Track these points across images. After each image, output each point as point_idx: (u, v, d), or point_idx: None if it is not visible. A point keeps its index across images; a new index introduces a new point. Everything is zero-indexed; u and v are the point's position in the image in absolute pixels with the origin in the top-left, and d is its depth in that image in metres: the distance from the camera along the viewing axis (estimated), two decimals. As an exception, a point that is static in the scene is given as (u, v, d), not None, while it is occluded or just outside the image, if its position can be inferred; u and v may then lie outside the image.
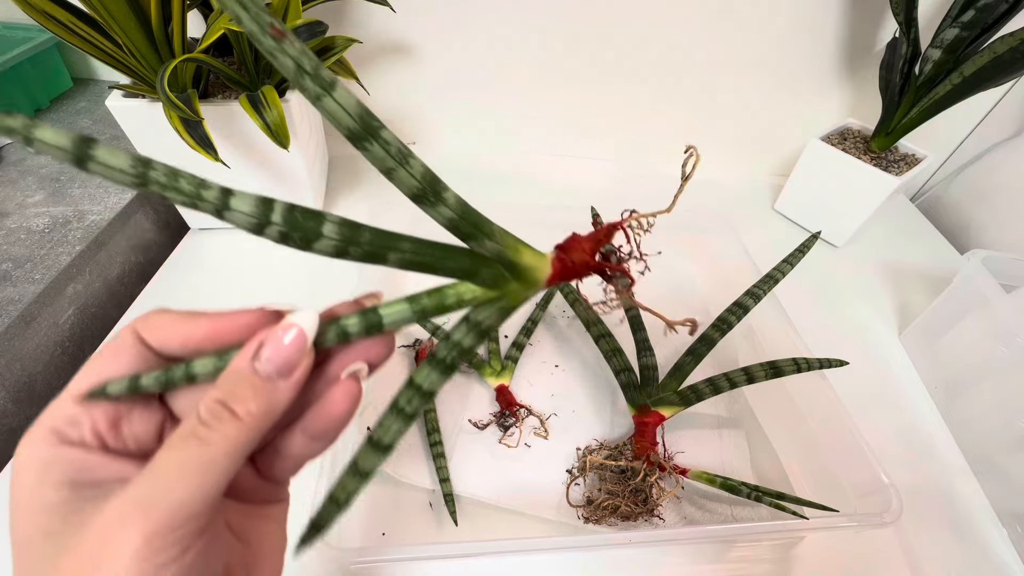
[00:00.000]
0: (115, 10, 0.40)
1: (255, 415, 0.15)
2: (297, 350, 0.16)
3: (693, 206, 0.71)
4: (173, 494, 0.14)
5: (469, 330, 0.19)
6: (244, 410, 0.15)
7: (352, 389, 0.17)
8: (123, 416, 0.16)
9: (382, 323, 0.17)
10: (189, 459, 0.14)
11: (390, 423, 0.18)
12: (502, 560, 0.36)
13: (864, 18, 0.63)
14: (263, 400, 0.15)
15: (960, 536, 0.41)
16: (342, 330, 0.17)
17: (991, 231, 0.68)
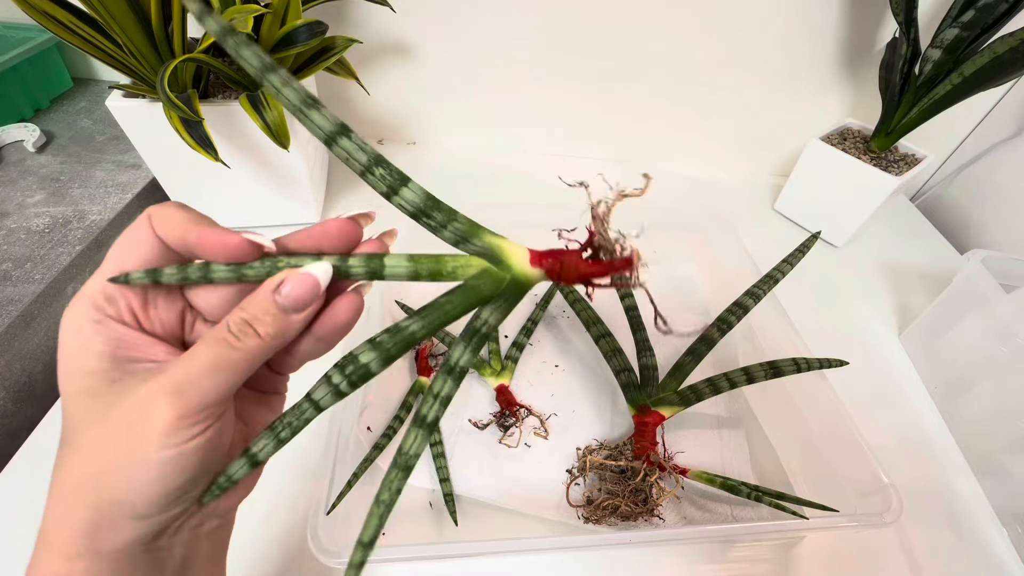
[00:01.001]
0: (115, 10, 0.40)
1: (273, 336, 0.18)
2: (311, 292, 0.19)
3: (693, 206, 0.71)
4: (203, 383, 0.17)
5: (469, 343, 0.20)
6: (264, 331, 0.18)
7: (355, 301, 0.20)
8: (150, 300, 0.19)
9: (383, 271, 0.20)
10: (219, 359, 0.18)
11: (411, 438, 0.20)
12: (502, 560, 0.36)
13: (864, 18, 0.63)
14: (280, 326, 0.18)
15: (960, 536, 0.41)
16: (348, 271, 0.20)
17: (991, 231, 0.68)
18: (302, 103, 0.17)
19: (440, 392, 0.20)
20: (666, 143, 0.76)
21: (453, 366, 0.20)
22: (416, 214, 0.19)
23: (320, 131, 0.18)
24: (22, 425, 0.41)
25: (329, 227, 0.20)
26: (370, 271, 0.20)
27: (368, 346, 0.20)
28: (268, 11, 0.45)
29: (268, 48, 0.47)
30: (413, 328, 0.20)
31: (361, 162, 0.18)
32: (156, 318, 0.19)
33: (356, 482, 0.35)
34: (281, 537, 0.36)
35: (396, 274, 0.20)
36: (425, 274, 0.20)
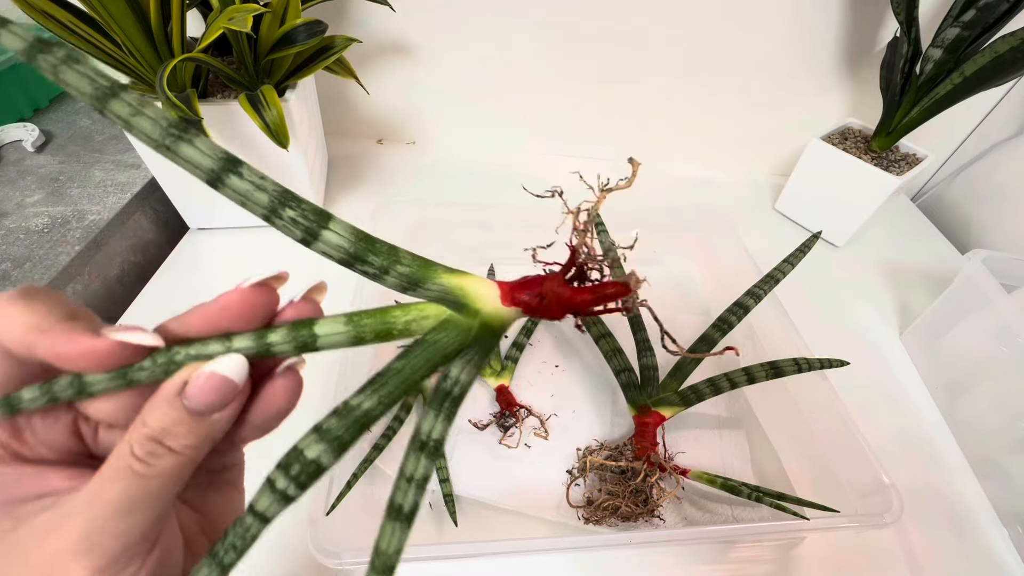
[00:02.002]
0: (114, 10, 0.40)
1: (193, 447, 0.15)
2: (223, 392, 0.15)
3: (693, 206, 0.71)
4: (117, 527, 0.14)
5: (440, 411, 0.17)
6: (180, 444, 0.15)
7: (291, 382, 0.17)
8: (23, 427, 0.15)
9: (315, 343, 0.16)
10: (130, 492, 0.14)
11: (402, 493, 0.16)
12: (502, 560, 0.36)
13: (865, 18, 0.63)
14: (198, 434, 0.15)
15: (960, 536, 0.41)
16: (270, 350, 0.16)
17: (992, 231, 0.68)
18: (164, 135, 0.14)
19: (414, 475, 0.16)
20: (666, 143, 0.76)
21: (425, 441, 0.17)
22: (347, 260, 0.16)
23: (198, 170, 0.14)
24: (21, 425, 0.40)
25: (229, 302, 0.16)
26: (299, 345, 0.16)
27: (315, 437, 0.16)
28: (267, 10, 0.45)
29: (267, 47, 0.47)
30: (367, 406, 0.16)
31: (262, 204, 0.14)
32: (37, 443, 0.15)
33: (356, 482, 0.35)
34: (281, 537, 0.36)
35: (334, 342, 0.16)
36: (371, 336, 0.17)
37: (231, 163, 0.14)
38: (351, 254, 0.15)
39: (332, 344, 0.17)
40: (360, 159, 0.69)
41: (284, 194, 0.15)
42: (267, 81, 0.50)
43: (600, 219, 0.48)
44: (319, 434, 0.16)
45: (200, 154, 0.14)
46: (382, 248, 0.16)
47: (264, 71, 0.50)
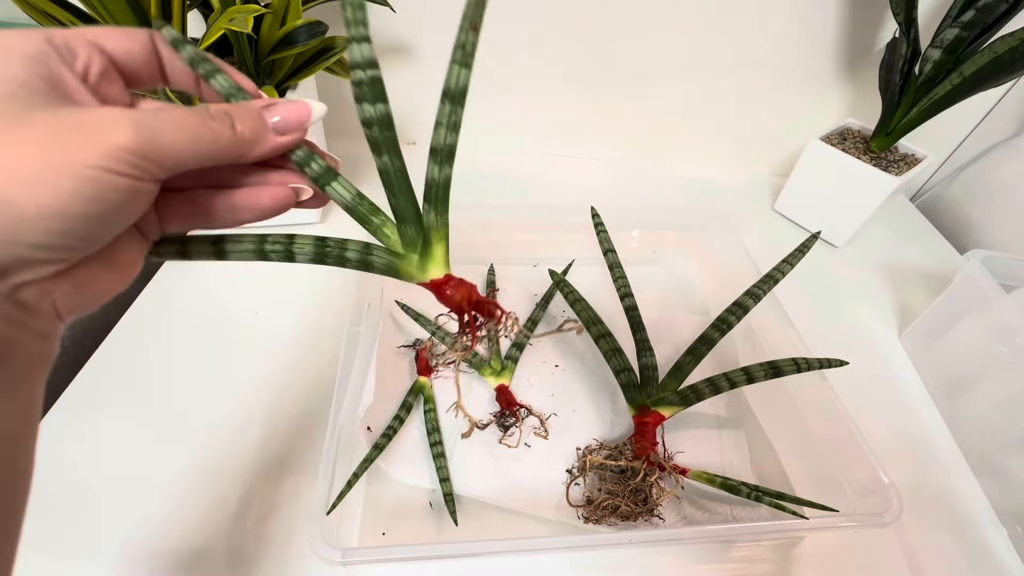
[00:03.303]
0: (115, 10, 0.40)
1: (244, 138, 0.19)
2: (301, 119, 0.20)
3: (693, 206, 0.71)
4: (166, 134, 0.16)
5: (360, 254, 0.23)
6: (241, 128, 0.19)
7: (287, 195, 0.21)
8: (104, 74, 0.18)
9: (328, 184, 0.21)
10: (188, 121, 0.17)
11: (240, 243, 0.22)
12: (502, 560, 0.36)
13: (864, 18, 0.63)
14: (256, 134, 0.19)
15: (960, 536, 0.41)
16: (309, 162, 0.21)
17: (991, 231, 0.68)
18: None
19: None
20: (666, 143, 0.76)
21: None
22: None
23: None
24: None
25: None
26: (318, 176, 0.21)
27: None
28: (268, 11, 0.45)
29: (268, 48, 0.48)
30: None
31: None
32: (95, 91, 0.18)
33: (356, 482, 0.35)
34: (281, 537, 0.36)
35: (336, 195, 0.21)
36: (357, 214, 0.22)
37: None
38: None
39: (336, 195, 0.21)
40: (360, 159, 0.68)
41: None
42: (268, 82, 0.50)
43: (600, 220, 0.48)
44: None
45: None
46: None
47: (265, 72, 0.50)
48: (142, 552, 0.35)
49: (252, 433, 0.41)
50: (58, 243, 0.15)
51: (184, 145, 0.17)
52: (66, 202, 0.14)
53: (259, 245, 0.22)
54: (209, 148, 0.18)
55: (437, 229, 0.23)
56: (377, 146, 0.21)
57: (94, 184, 0.15)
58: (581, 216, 0.49)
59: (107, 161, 0.15)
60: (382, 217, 0.23)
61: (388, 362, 0.47)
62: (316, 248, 0.22)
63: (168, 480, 0.39)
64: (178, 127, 0.17)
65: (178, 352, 0.46)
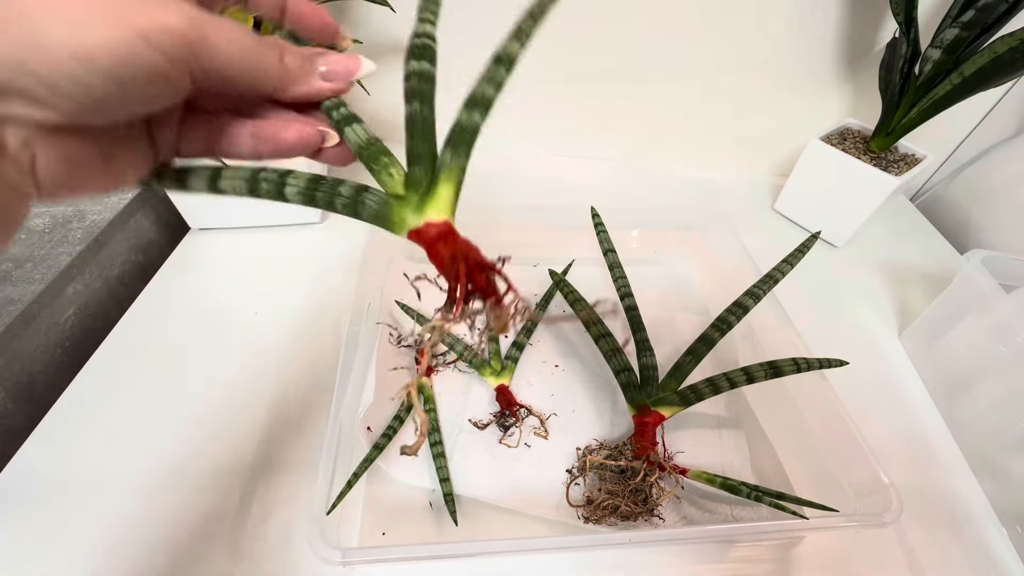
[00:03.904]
0: (115, 10, 0.40)
1: (288, 71, 0.19)
2: (346, 71, 0.21)
3: (693, 206, 0.71)
4: (215, 36, 0.16)
5: (354, 192, 0.21)
6: (288, 60, 0.19)
7: (312, 134, 0.21)
8: None
9: (346, 125, 0.21)
10: (240, 39, 0.17)
11: (235, 172, 0.21)
12: (502, 560, 0.36)
13: (864, 18, 0.63)
14: (299, 71, 0.20)
15: (960, 536, 0.41)
16: (338, 106, 0.21)
17: (991, 231, 0.68)
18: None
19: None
20: (666, 143, 0.76)
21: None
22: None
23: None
24: (22, 425, 0.41)
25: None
26: (341, 119, 0.21)
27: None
28: (268, 11, 0.45)
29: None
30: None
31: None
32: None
33: (356, 482, 0.35)
34: (281, 537, 0.36)
35: (352, 135, 0.21)
36: (367, 153, 0.21)
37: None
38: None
39: (352, 135, 0.21)
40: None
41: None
42: (267, 82, 0.50)
43: (600, 220, 0.48)
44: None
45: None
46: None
47: (264, 72, 0.50)
48: (142, 552, 0.35)
49: (252, 433, 0.41)
50: (68, 90, 0.14)
51: (229, 55, 0.17)
52: (96, 53, 0.14)
53: (253, 176, 0.21)
54: (253, 68, 0.18)
55: (450, 169, 0.20)
56: (412, 95, 0.21)
57: (130, 48, 0.14)
58: (581, 216, 0.49)
59: (152, 32, 0.15)
60: (392, 158, 0.21)
61: (388, 362, 0.47)
62: (308, 185, 0.21)
63: (168, 480, 0.39)
64: (229, 37, 0.17)
65: (178, 352, 0.46)
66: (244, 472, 0.39)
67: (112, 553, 0.35)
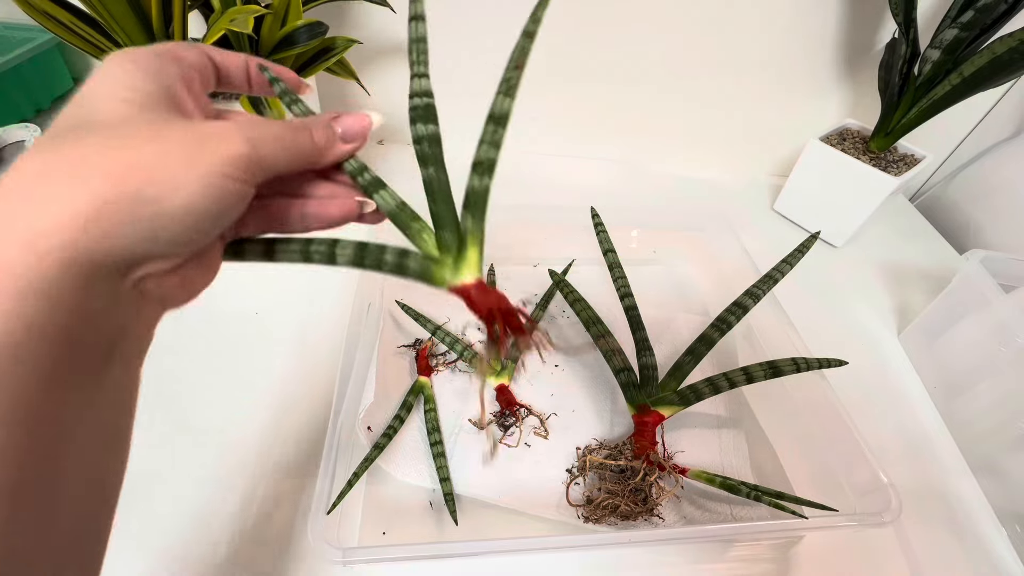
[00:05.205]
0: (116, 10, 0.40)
1: (318, 144, 0.21)
2: (363, 129, 0.23)
3: (693, 206, 0.71)
4: (268, 145, 0.19)
5: (398, 257, 0.23)
6: (317, 136, 0.21)
7: (352, 207, 0.23)
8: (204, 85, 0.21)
9: (375, 192, 0.24)
10: (282, 135, 0.20)
11: (288, 245, 0.23)
12: (502, 560, 0.36)
13: (863, 19, 0.63)
14: (327, 141, 0.22)
15: (960, 536, 0.41)
16: (362, 172, 0.24)
17: (990, 231, 0.68)
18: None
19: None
20: (666, 143, 0.76)
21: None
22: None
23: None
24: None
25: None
26: (368, 185, 0.23)
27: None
28: (268, 12, 0.45)
29: (268, 49, 0.48)
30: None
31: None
32: (197, 102, 0.21)
33: (356, 482, 0.35)
34: (281, 537, 0.36)
35: (382, 202, 0.24)
36: (399, 220, 0.24)
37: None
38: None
39: (382, 202, 0.24)
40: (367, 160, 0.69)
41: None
42: (268, 82, 0.50)
43: (600, 220, 0.48)
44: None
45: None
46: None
47: (265, 72, 0.50)
48: (141, 552, 0.35)
49: (252, 433, 0.41)
50: (185, 239, 0.17)
51: (278, 154, 0.19)
52: (198, 202, 0.17)
53: (305, 247, 0.23)
54: (295, 156, 0.20)
55: (473, 234, 0.24)
56: (425, 159, 0.25)
57: (218, 187, 0.17)
58: (581, 216, 0.49)
59: (228, 167, 0.17)
60: (421, 223, 0.24)
61: (388, 362, 0.47)
62: (356, 252, 0.23)
63: (168, 480, 0.39)
64: (274, 138, 0.19)
65: (178, 352, 0.46)
66: (244, 472, 0.39)
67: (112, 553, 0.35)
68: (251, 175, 0.18)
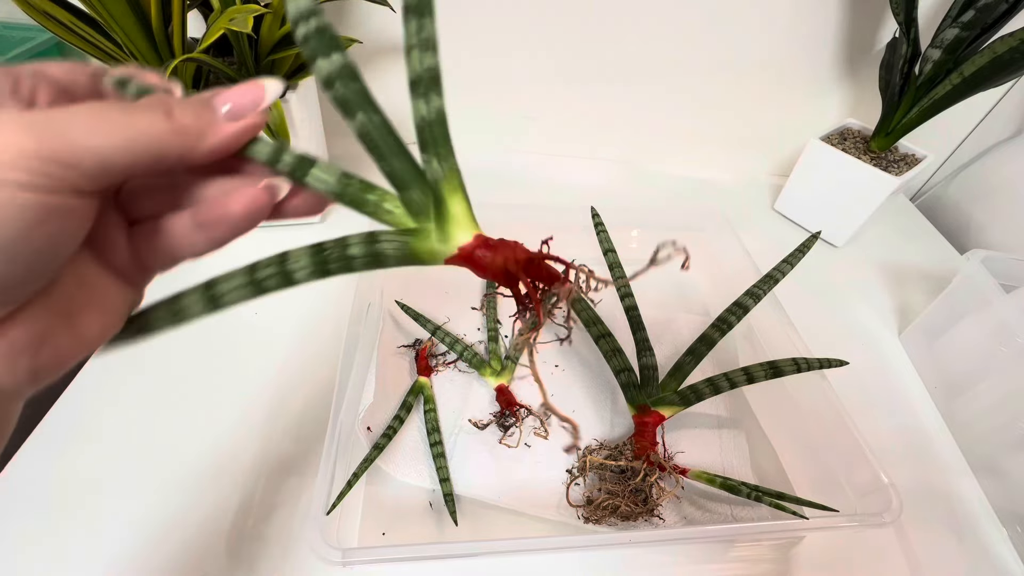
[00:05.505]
0: (115, 10, 0.40)
1: (182, 125, 0.15)
2: (253, 101, 0.17)
3: (693, 206, 0.71)
4: (76, 129, 0.13)
5: (365, 246, 0.18)
6: (179, 115, 0.15)
7: (259, 196, 0.17)
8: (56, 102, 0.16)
9: (306, 174, 0.18)
10: (108, 115, 0.14)
11: (230, 282, 0.18)
12: (502, 560, 0.36)
13: (864, 18, 0.63)
14: (199, 121, 0.15)
15: (960, 536, 0.41)
16: (279, 156, 0.18)
17: (991, 231, 0.68)
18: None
19: (290, 268, 0.18)
20: (666, 143, 0.76)
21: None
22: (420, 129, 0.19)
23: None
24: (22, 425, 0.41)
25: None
26: (294, 168, 0.18)
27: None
28: (268, 11, 0.45)
29: (268, 48, 0.48)
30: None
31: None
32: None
33: (356, 482, 0.35)
34: (281, 537, 0.36)
35: (318, 182, 0.18)
36: (348, 197, 0.18)
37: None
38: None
39: (318, 182, 0.18)
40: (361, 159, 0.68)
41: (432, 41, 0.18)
42: (267, 82, 0.50)
43: (600, 220, 0.48)
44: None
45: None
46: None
47: (265, 72, 0.50)
48: (142, 552, 0.35)
49: (252, 433, 0.41)
50: None
51: (106, 140, 0.13)
52: None
53: (249, 277, 0.18)
54: (143, 142, 0.14)
55: (447, 179, 0.18)
56: (346, 104, 0.18)
57: (5, 203, 0.12)
58: (581, 216, 0.49)
59: (8, 171, 0.12)
60: (379, 192, 0.19)
61: (388, 362, 0.47)
62: (313, 259, 0.18)
63: (168, 480, 0.39)
64: (94, 120, 0.14)
65: (177, 352, 0.46)
66: (244, 472, 0.39)
67: (111, 554, 0.35)
68: (57, 178, 0.13)
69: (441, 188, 0.18)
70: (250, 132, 0.17)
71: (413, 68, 0.18)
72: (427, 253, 0.18)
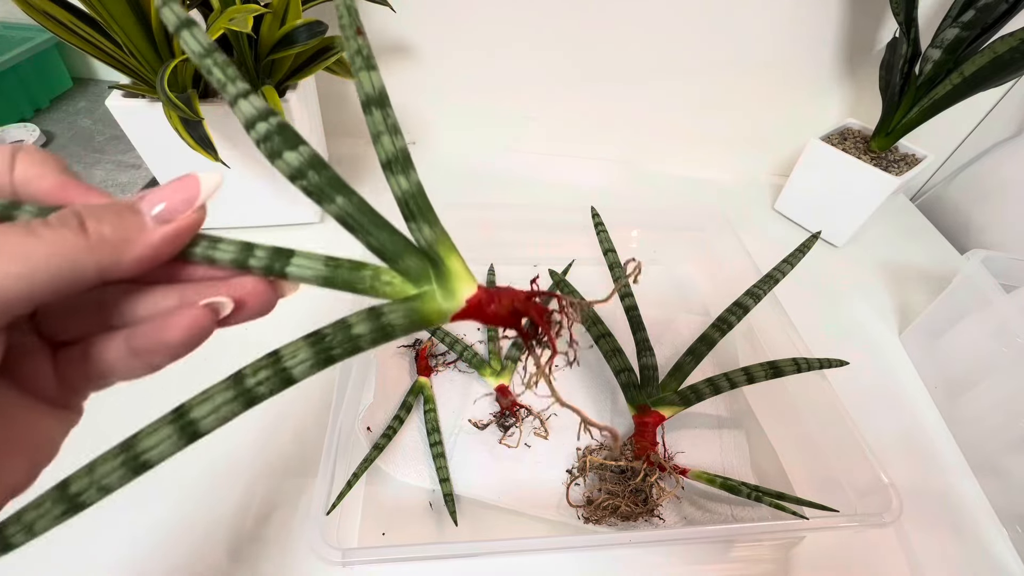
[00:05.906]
0: (115, 10, 0.40)
1: (100, 237, 0.13)
2: (185, 198, 0.15)
3: (693, 206, 0.71)
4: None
5: (371, 322, 0.17)
6: (95, 228, 0.13)
7: (199, 319, 0.16)
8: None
9: (286, 266, 0.17)
10: (4, 238, 0.12)
11: (204, 406, 0.17)
12: (502, 560, 0.36)
13: (864, 18, 0.63)
14: (120, 230, 0.14)
15: (960, 536, 0.41)
16: (248, 256, 0.16)
17: (991, 231, 0.68)
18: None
19: (286, 364, 0.17)
20: (666, 143, 0.76)
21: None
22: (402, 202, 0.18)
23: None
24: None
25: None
26: (269, 263, 0.17)
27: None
28: (268, 11, 0.45)
29: (268, 48, 0.48)
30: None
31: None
32: None
33: (356, 482, 0.35)
34: (281, 537, 0.36)
35: (302, 273, 0.17)
36: (339, 281, 0.18)
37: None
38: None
39: (302, 271, 0.17)
40: (360, 159, 0.69)
41: (394, 126, 0.18)
42: (267, 82, 0.50)
43: (600, 220, 0.48)
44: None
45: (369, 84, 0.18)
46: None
47: (265, 71, 0.50)
48: (142, 552, 0.35)
49: (252, 433, 0.41)
50: None
51: (5, 267, 0.12)
52: None
53: (239, 388, 0.17)
54: (51, 265, 0.12)
55: (440, 240, 0.18)
56: (322, 192, 0.18)
57: None
58: (581, 216, 0.49)
59: None
60: (371, 267, 0.18)
61: (388, 362, 0.47)
62: (317, 350, 0.17)
63: (167, 480, 0.38)
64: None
65: (178, 352, 0.46)
66: (244, 472, 0.39)
67: (112, 554, 0.35)
68: None
69: (436, 248, 0.18)
70: (185, 234, 0.15)
71: (386, 151, 0.18)
72: (435, 314, 0.18)
